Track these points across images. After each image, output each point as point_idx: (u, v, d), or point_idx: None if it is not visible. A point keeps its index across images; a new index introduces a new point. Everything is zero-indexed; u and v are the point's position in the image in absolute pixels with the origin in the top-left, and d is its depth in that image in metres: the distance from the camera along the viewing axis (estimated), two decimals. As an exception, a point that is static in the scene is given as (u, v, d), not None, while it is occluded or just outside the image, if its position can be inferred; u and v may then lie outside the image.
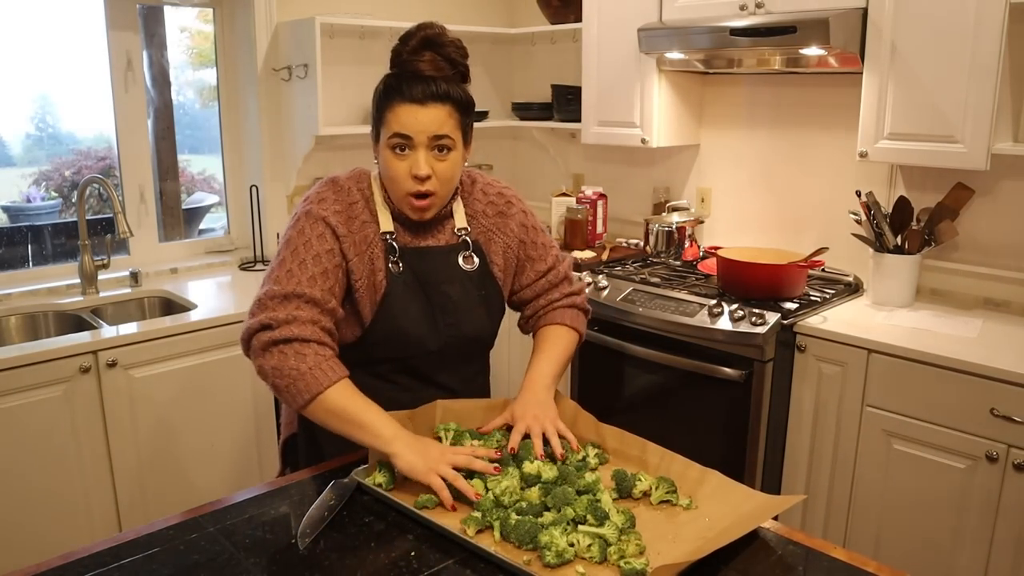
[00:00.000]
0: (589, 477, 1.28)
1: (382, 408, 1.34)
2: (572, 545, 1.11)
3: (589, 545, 1.11)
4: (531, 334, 1.65)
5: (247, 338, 1.37)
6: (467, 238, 1.53)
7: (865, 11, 2.28)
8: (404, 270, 1.46)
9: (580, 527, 1.15)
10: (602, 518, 1.16)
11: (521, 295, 1.62)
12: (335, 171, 1.53)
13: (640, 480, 1.29)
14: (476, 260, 1.53)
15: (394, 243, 1.47)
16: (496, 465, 1.29)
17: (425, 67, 1.38)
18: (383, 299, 1.45)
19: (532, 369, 1.52)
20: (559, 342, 1.57)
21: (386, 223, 1.47)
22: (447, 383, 1.54)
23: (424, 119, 1.37)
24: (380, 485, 1.29)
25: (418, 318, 1.46)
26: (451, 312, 1.49)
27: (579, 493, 1.24)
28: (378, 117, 1.43)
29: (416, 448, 1.28)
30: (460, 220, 1.54)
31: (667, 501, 1.27)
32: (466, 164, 1.50)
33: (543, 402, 1.44)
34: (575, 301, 1.63)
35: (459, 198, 1.54)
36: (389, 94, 1.40)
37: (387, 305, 1.45)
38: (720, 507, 1.24)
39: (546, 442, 1.37)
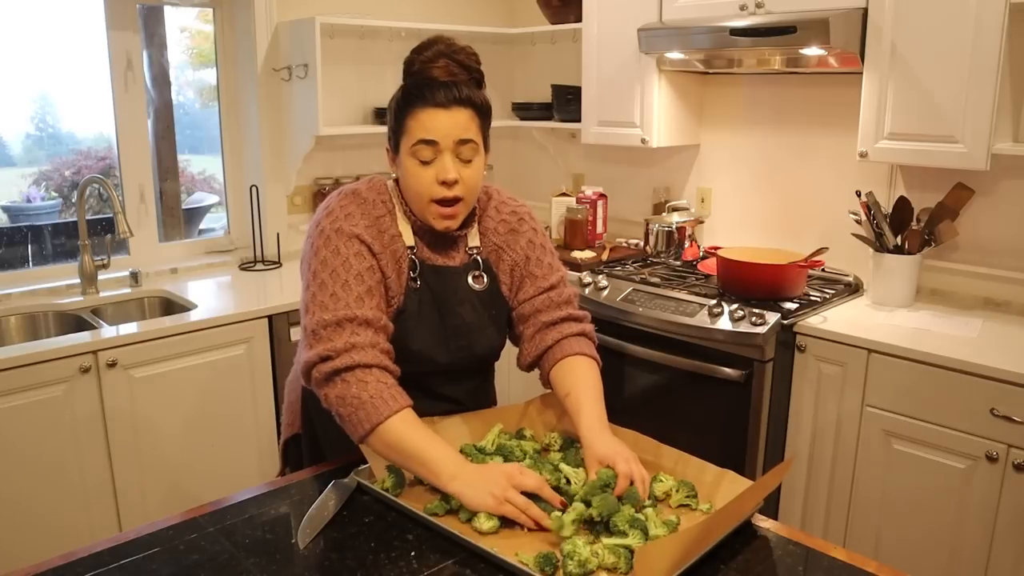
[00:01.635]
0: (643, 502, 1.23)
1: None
2: (597, 556, 1.09)
3: (615, 560, 1.09)
4: (539, 365, 1.51)
5: (307, 371, 1.32)
6: (478, 257, 1.50)
7: (865, 11, 2.28)
8: (422, 287, 1.44)
9: (605, 540, 1.13)
10: (638, 528, 1.14)
11: (519, 310, 1.52)
12: (335, 171, 1.52)
13: (661, 481, 1.28)
14: (486, 279, 1.50)
15: (415, 258, 1.44)
16: (563, 499, 1.23)
17: (440, 73, 1.37)
18: (397, 315, 1.43)
19: (587, 409, 1.37)
20: (591, 376, 1.45)
21: (408, 237, 1.45)
22: (451, 395, 1.53)
23: (448, 122, 1.35)
24: (387, 489, 1.28)
25: (428, 338, 1.44)
26: (464, 335, 1.47)
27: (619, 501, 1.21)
28: (397, 127, 1.39)
29: (478, 485, 1.21)
30: (473, 239, 1.51)
31: (686, 505, 1.27)
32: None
33: (621, 444, 1.33)
34: (585, 329, 1.53)
35: (475, 217, 1.51)
36: (409, 101, 1.37)
37: (400, 322, 1.42)
38: None
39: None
